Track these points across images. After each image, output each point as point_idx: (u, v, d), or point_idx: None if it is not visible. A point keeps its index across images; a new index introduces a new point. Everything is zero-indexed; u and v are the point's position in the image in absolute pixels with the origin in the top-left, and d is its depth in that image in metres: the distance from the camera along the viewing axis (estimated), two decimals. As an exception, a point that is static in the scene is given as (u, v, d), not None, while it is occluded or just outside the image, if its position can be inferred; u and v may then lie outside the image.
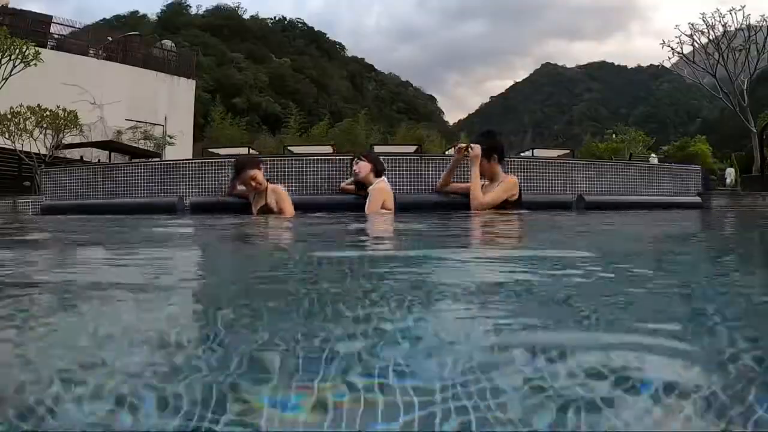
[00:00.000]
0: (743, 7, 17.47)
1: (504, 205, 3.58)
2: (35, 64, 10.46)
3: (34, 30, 16.11)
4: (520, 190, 3.71)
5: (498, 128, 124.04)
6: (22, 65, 10.46)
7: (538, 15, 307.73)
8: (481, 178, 3.63)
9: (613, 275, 0.92)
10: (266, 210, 3.60)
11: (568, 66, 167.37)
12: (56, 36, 18.07)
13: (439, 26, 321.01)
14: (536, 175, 5.93)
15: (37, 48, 10.75)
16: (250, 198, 3.83)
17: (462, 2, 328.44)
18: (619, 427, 0.32)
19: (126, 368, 0.41)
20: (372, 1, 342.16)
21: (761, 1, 18.11)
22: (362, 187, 3.89)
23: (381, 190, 3.75)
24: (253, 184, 3.64)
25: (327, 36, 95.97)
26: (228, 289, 0.86)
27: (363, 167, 3.79)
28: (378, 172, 3.85)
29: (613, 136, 18.33)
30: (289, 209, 3.58)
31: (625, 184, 6.36)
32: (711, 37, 17.75)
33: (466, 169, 4.08)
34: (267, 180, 3.74)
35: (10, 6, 17.89)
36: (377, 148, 9.89)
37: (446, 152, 12.55)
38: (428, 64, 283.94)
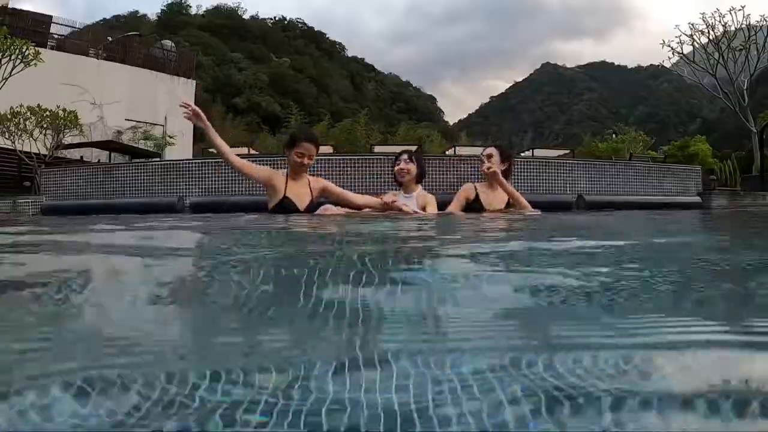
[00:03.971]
0: (743, 7, 17.45)
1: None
2: (35, 64, 10.45)
3: (34, 30, 16.09)
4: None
5: (498, 128, 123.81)
6: (22, 65, 10.45)
7: (538, 15, 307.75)
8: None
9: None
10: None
11: (568, 66, 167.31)
12: (56, 36, 18.04)
13: (440, 26, 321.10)
14: (536, 175, 5.93)
15: (37, 48, 10.74)
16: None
17: (461, 2, 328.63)
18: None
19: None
20: (372, 1, 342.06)
21: (761, 1, 18.09)
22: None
23: (431, 198, 3.56)
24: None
25: (327, 36, 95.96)
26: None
27: (412, 169, 3.53)
28: (420, 179, 3.60)
29: (613, 136, 18.28)
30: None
31: (626, 184, 6.37)
32: (711, 37, 17.71)
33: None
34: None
35: (10, 6, 17.86)
36: (377, 148, 9.91)
37: (446, 152, 12.51)
38: (428, 64, 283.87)
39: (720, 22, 17.54)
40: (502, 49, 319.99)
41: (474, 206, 3.57)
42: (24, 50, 10.35)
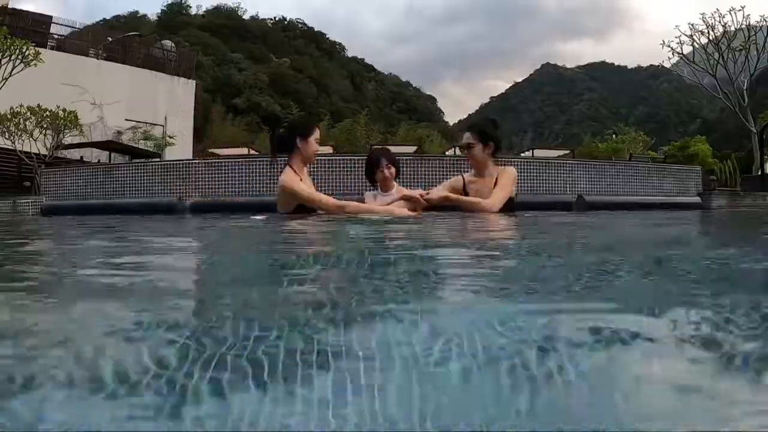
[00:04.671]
0: (743, 7, 17.46)
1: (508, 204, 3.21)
2: (35, 65, 10.46)
3: (34, 30, 16.09)
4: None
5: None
6: (22, 65, 10.46)
7: (538, 15, 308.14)
8: (469, 171, 3.34)
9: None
10: None
11: (568, 66, 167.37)
12: (56, 36, 18.04)
13: (440, 26, 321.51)
14: (536, 175, 5.94)
15: (37, 48, 10.75)
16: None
17: (461, 2, 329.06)
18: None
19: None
20: (372, 1, 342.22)
21: (761, 1, 18.10)
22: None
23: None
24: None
25: (327, 36, 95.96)
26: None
27: (394, 173, 3.50)
28: (396, 176, 3.58)
29: (613, 136, 18.32)
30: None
31: (625, 184, 6.37)
32: (711, 38, 17.73)
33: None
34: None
35: (10, 6, 17.85)
36: (376, 147, 9.90)
37: (446, 152, 12.56)
38: (428, 64, 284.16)
39: (720, 22, 17.57)
40: (502, 49, 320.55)
41: None
42: (24, 50, 10.35)
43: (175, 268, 1.16)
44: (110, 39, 19.74)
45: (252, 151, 11.02)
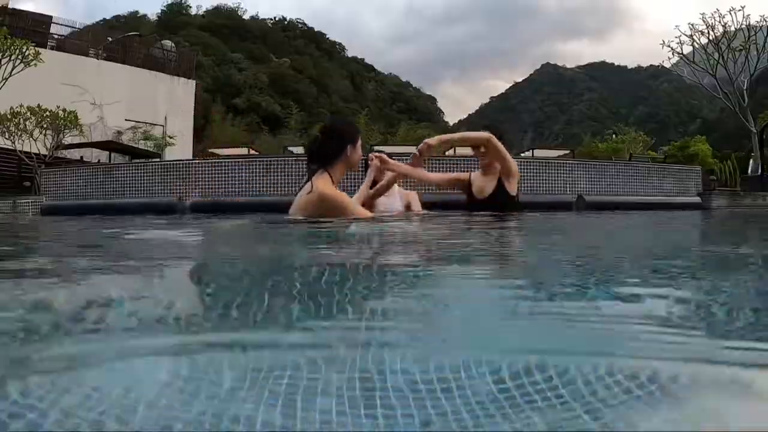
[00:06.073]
0: (743, 7, 17.45)
1: (509, 202, 3.18)
2: (35, 65, 10.46)
3: (34, 30, 16.09)
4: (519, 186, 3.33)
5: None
6: (22, 65, 10.46)
7: (538, 15, 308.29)
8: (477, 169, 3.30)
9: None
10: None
11: (568, 66, 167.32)
12: (56, 36, 18.04)
13: (440, 26, 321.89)
14: (536, 175, 5.94)
15: (37, 48, 10.75)
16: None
17: (461, 2, 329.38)
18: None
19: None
20: (372, 1, 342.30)
21: (761, 1, 18.08)
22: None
23: (413, 195, 3.57)
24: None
25: (327, 36, 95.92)
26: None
27: (382, 158, 3.37)
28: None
29: (613, 136, 18.33)
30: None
31: (625, 184, 6.37)
32: (711, 38, 17.71)
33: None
34: None
35: (10, 6, 17.85)
36: (377, 149, 9.90)
37: (446, 153, 12.52)
38: (428, 64, 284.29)
39: (720, 22, 17.55)
40: (502, 49, 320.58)
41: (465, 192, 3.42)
42: (24, 50, 10.36)
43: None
44: (110, 39, 19.74)
45: (252, 151, 11.03)
